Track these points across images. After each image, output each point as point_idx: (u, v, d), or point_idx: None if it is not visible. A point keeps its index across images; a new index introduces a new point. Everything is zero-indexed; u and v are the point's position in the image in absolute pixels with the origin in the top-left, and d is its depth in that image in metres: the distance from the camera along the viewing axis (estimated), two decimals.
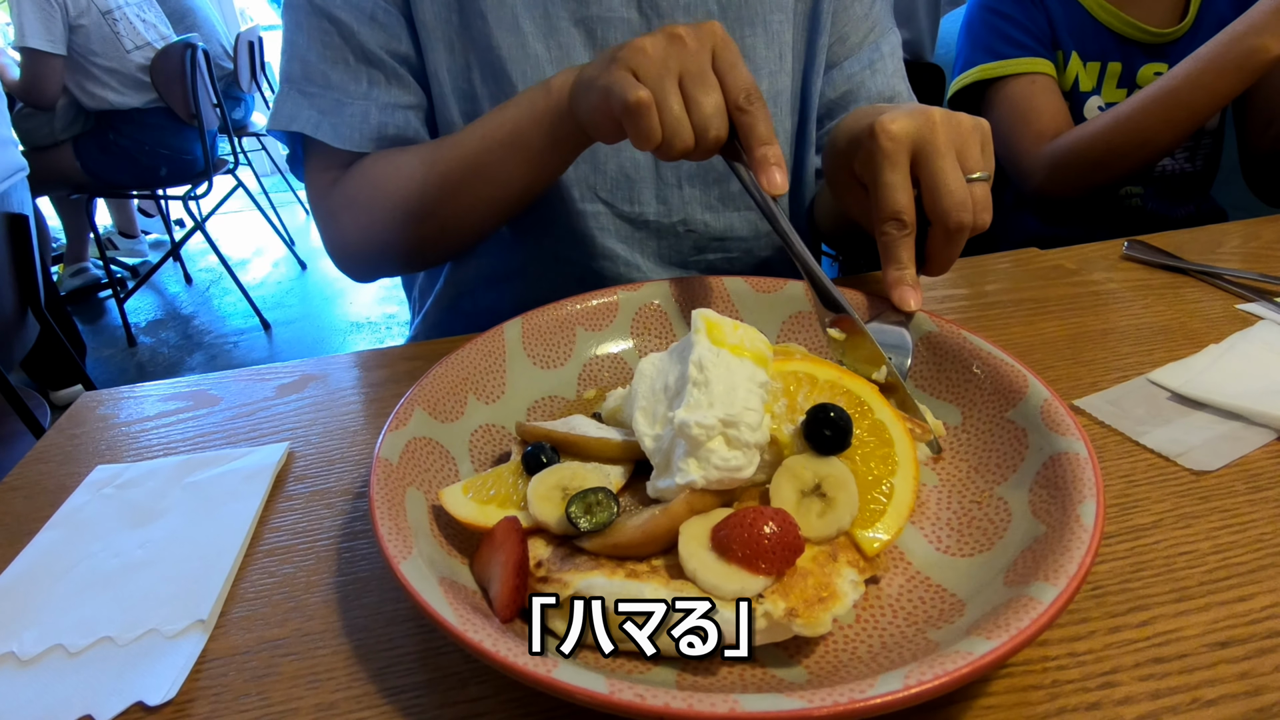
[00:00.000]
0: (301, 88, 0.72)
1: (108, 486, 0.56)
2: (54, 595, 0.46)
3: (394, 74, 0.74)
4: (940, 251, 0.56)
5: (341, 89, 0.72)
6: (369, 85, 0.72)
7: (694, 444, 0.40)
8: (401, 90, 0.74)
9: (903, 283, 0.56)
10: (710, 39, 0.55)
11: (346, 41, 0.72)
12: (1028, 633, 0.32)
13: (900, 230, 0.55)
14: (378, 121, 0.72)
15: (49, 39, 2.55)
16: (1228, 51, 0.92)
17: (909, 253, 0.56)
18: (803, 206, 0.88)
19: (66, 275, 3.36)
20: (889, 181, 0.54)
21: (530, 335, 0.59)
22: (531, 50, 0.73)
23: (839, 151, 0.62)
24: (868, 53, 0.83)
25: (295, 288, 3.58)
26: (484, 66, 0.74)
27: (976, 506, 0.45)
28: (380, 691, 0.39)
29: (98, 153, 2.84)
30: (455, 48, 0.74)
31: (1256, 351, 0.61)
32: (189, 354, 3.02)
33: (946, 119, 0.55)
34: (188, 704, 0.39)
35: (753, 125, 0.55)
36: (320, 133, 0.72)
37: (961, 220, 0.54)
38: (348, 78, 0.72)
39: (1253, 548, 0.44)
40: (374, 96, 0.73)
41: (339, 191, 0.75)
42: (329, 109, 0.72)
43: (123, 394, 0.69)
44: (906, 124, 0.54)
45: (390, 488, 0.42)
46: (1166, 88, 0.97)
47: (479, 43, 0.73)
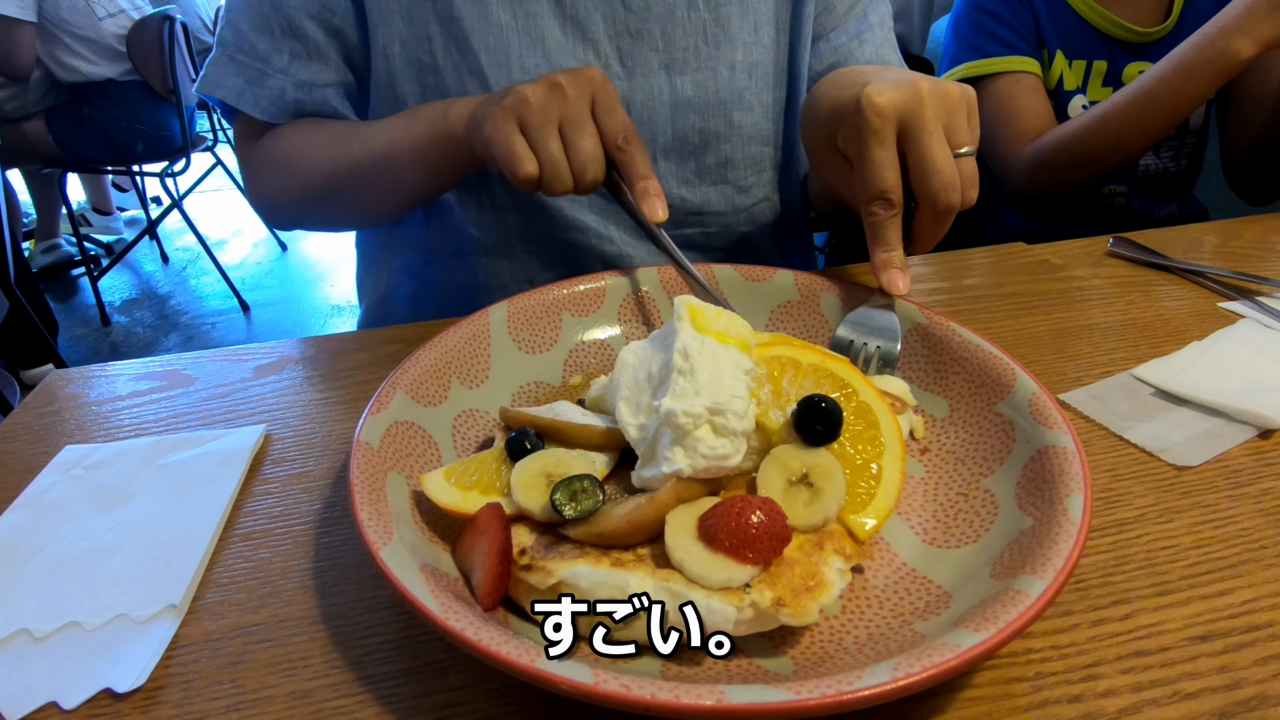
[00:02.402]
0: (231, 54, 0.74)
1: (77, 467, 0.54)
2: (19, 579, 0.44)
3: (316, 49, 0.74)
4: (927, 231, 0.56)
5: (264, 59, 0.74)
6: (290, 59, 0.73)
7: (681, 433, 0.39)
8: (321, 66, 0.75)
9: (891, 265, 0.55)
10: (589, 85, 0.59)
11: (275, 11, 0.72)
12: (1015, 626, 0.32)
13: (888, 210, 0.54)
14: (293, 98, 0.75)
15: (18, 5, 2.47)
16: (1200, 54, 0.93)
17: (897, 234, 0.55)
18: (795, 180, 0.87)
19: (38, 251, 3.28)
20: (876, 159, 0.53)
21: (516, 319, 0.58)
22: (495, 19, 0.72)
23: (820, 121, 0.60)
24: (855, 23, 0.82)
25: (275, 269, 3.53)
26: (447, 38, 0.72)
27: (963, 499, 0.45)
28: (358, 679, 0.38)
29: (71, 126, 2.76)
30: (415, 18, 0.72)
31: (1238, 349, 0.62)
32: (165, 334, 2.97)
33: (934, 90, 0.53)
34: (157, 691, 0.38)
35: (631, 162, 0.60)
36: (242, 103, 0.74)
37: (950, 201, 0.52)
38: (271, 48, 0.73)
39: (1233, 543, 0.44)
40: (292, 72, 0.74)
41: (259, 152, 0.78)
42: (253, 78, 0.74)
43: (93, 372, 0.67)
44: (894, 97, 0.52)
45: (370, 472, 0.42)
46: (1141, 89, 0.98)
47: (441, 14, 0.72)
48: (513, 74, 0.72)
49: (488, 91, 0.72)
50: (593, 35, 0.74)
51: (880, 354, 0.54)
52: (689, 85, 0.76)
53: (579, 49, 0.74)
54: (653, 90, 0.75)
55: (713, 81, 0.76)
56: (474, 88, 0.73)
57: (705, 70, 0.76)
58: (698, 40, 0.75)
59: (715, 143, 0.79)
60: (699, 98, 0.76)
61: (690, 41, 0.75)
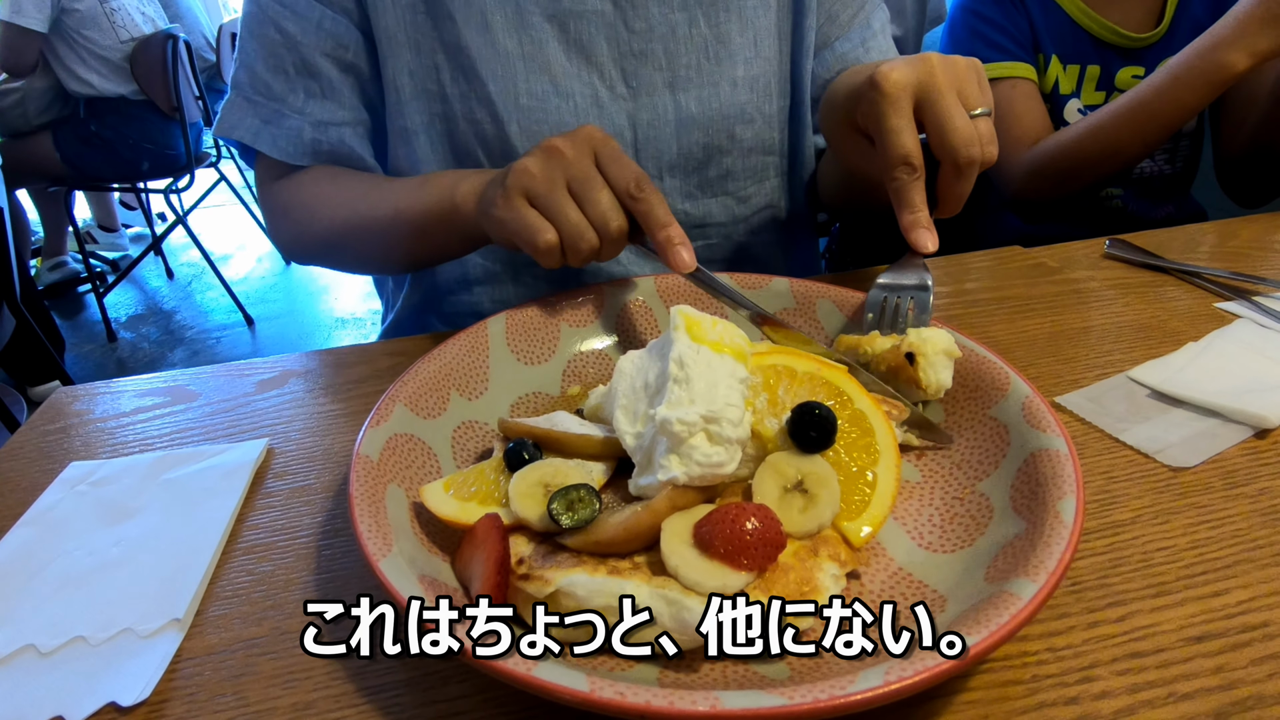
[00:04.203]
0: (247, 95, 0.75)
1: (82, 483, 0.55)
2: (25, 594, 0.45)
3: (331, 87, 0.74)
4: (951, 189, 0.57)
5: (280, 99, 0.74)
6: (305, 98, 0.74)
7: (676, 441, 0.40)
8: (336, 105, 0.75)
9: (918, 225, 0.56)
10: (588, 142, 0.58)
11: (290, 51, 0.73)
12: (1007, 628, 0.32)
13: (911, 174, 0.55)
14: (311, 138, 0.75)
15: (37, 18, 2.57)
16: (1194, 65, 0.94)
17: (921, 196, 0.56)
18: (801, 185, 0.88)
19: (44, 269, 3.31)
20: (895, 126, 0.55)
21: (514, 331, 0.59)
22: (501, 47, 0.72)
23: (838, 106, 0.63)
24: (859, 30, 0.83)
25: (279, 283, 3.54)
26: (454, 67, 0.73)
27: (958, 503, 0.45)
28: (359, 690, 0.38)
29: (77, 144, 2.79)
30: (422, 48, 0.73)
31: (1234, 350, 0.62)
32: (170, 350, 2.98)
33: (943, 61, 0.56)
34: (162, 704, 0.38)
35: (649, 211, 0.56)
36: (259, 143, 0.75)
37: (971, 155, 0.54)
38: (286, 89, 0.74)
39: (1228, 543, 0.44)
40: (308, 112, 0.74)
41: (279, 193, 0.79)
42: (270, 118, 0.75)
43: (98, 389, 0.68)
44: (906, 70, 0.55)
45: (370, 484, 0.42)
46: (1137, 99, 0.99)
47: (448, 43, 0.73)
48: (520, 100, 0.73)
49: (495, 118, 0.73)
50: (597, 59, 0.74)
51: (915, 304, 0.56)
52: (693, 102, 0.77)
53: (584, 72, 0.74)
54: (658, 109, 0.76)
55: (715, 98, 0.77)
56: (482, 115, 0.74)
57: (708, 87, 0.77)
58: (700, 57, 0.76)
59: (717, 156, 0.80)
60: (703, 114, 0.77)
61: (693, 59, 0.76)
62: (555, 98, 0.73)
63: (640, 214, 0.57)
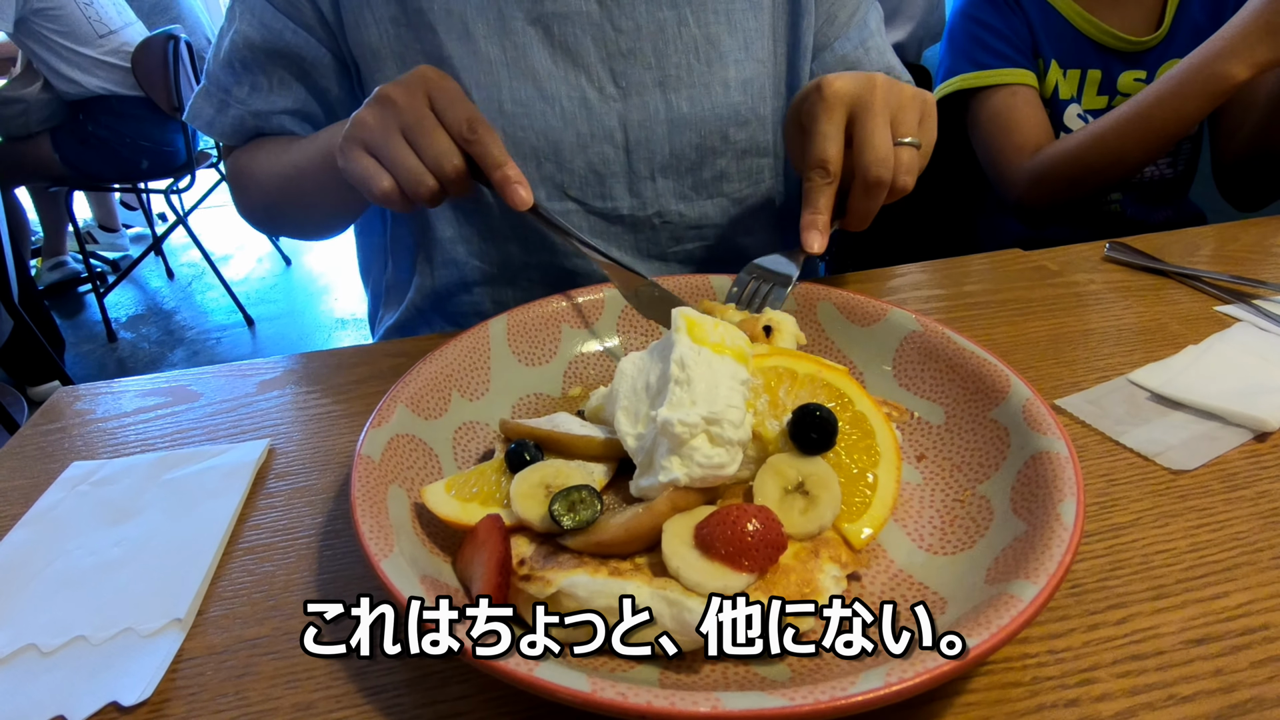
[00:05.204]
0: (207, 86, 0.81)
1: (83, 483, 0.55)
2: (27, 594, 0.45)
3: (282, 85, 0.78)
4: (858, 204, 0.61)
5: (227, 91, 0.79)
6: (250, 91, 0.78)
7: (677, 442, 0.40)
8: (280, 99, 0.78)
9: (814, 226, 0.60)
10: (421, 85, 0.58)
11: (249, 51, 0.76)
12: (1008, 630, 0.32)
13: (823, 178, 0.59)
14: (253, 125, 0.80)
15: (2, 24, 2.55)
16: (1194, 75, 0.94)
17: (827, 200, 0.60)
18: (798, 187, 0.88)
19: (44, 269, 3.31)
20: (822, 131, 0.59)
21: (515, 332, 0.59)
22: (484, 55, 0.73)
23: (793, 105, 0.67)
24: (857, 31, 0.84)
25: (280, 283, 3.54)
26: None
27: (959, 505, 0.45)
28: (360, 691, 0.38)
29: (76, 145, 2.79)
30: (406, 60, 0.74)
31: (1234, 353, 0.62)
32: (170, 350, 2.98)
33: (888, 84, 0.59)
34: (163, 704, 0.39)
35: (484, 152, 0.58)
36: (212, 130, 0.82)
37: (880, 175, 0.57)
38: (233, 82, 0.78)
39: (1228, 546, 0.44)
40: (249, 104, 0.78)
41: (230, 166, 0.86)
42: (219, 108, 0.80)
43: (99, 389, 0.68)
44: (849, 83, 0.58)
45: (372, 485, 0.42)
46: (1138, 109, 0.99)
47: (430, 55, 0.73)
48: (504, 107, 0.73)
49: None
50: (584, 60, 0.74)
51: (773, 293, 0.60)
52: (684, 103, 0.77)
53: (570, 74, 0.74)
54: (649, 109, 0.76)
55: (707, 98, 0.77)
56: None
57: (699, 87, 0.77)
58: (690, 58, 0.76)
59: (711, 158, 0.79)
60: (695, 115, 0.77)
61: (683, 59, 0.76)
62: (540, 102, 0.73)
63: (476, 155, 0.58)
